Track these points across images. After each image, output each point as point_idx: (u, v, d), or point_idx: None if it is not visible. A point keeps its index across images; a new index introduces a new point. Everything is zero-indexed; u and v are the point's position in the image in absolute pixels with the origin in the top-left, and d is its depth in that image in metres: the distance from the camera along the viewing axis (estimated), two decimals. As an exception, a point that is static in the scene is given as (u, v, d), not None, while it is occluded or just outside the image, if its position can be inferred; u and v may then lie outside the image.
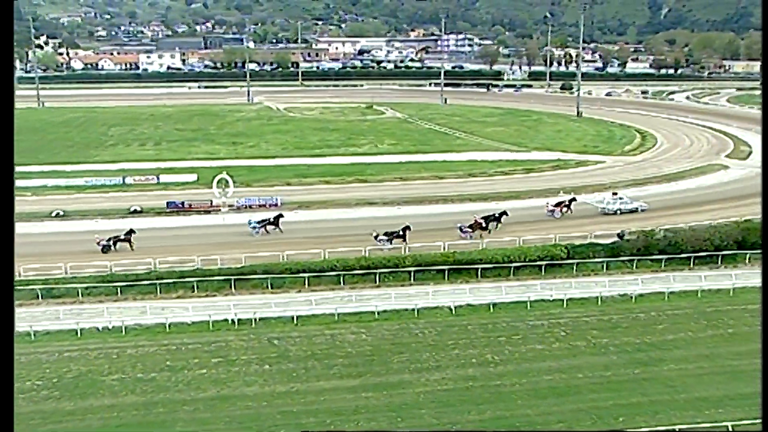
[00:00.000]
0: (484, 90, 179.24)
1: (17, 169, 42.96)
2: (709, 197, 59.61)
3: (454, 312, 36.68)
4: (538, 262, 42.03)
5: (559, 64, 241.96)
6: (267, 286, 39.36)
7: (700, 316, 36.44)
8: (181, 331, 34.20)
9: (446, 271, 41.05)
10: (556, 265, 42.42)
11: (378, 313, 36.23)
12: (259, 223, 49.69)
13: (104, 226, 50.19)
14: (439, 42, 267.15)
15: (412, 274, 40.78)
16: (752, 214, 51.07)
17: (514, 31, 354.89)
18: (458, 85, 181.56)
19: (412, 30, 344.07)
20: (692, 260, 43.73)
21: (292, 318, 35.48)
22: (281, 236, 47.85)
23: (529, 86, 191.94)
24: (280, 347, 32.47)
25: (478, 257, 41.75)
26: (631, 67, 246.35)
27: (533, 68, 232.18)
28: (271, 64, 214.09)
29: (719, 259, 44.02)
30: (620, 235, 45.49)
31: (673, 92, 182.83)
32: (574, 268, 42.47)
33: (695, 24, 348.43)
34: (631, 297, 38.79)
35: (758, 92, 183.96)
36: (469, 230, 48.04)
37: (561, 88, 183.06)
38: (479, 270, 41.35)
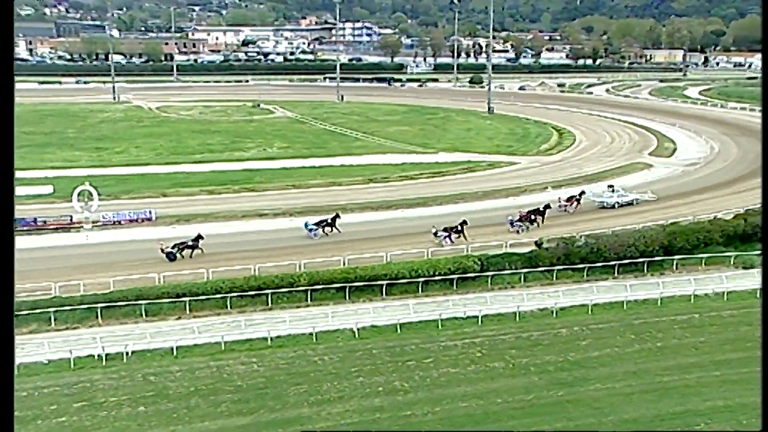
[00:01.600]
0: (386, 85, 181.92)
1: None
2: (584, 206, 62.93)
3: (357, 335, 36.93)
4: (450, 276, 43.04)
5: (468, 55, 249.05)
6: (141, 314, 38.30)
7: (627, 329, 38.21)
8: (34, 372, 32.64)
9: (347, 289, 41.31)
10: (469, 279, 43.53)
11: (271, 339, 35.98)
12: (316, 224, 52.04)
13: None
14: (333, 31, 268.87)
15: (309, 293, 40.80)
16: (678, 216, 54.56)
17: (418, 18, 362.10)
18: (356, 79, 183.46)
19: (303, 18, 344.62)
20: (616, 268, 46.00)
21: (172, 349, 34.68)
22: (157, 256, 46.69)
23: (435, 80, 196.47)
24: (158, 384, 31.65)
25: (383, 272, 42.26)
26: (546, 57, 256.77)
27: (439, 60, 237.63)
28: (140, 56, 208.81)
29: (645, 266, 46.54)
30: (538, 244, 47.28)
31: (591, 85, 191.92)
32: (489, 281, 43.75)
33: (614, 10, 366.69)
34: (552, 311, 40.34)
35: (682, 84, 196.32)
36: (520, 223, 52.61)
37: (470, 82, 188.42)
38: (384, 286, 41.86)
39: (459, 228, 50.41)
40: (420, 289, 42.35)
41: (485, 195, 63.70)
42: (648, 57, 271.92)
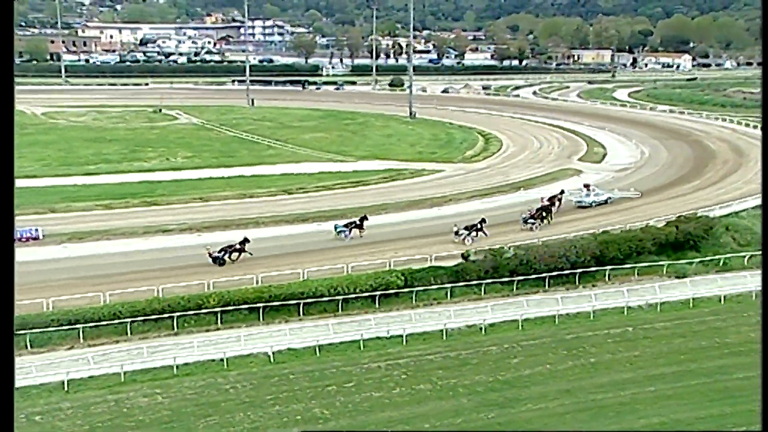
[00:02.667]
0: (300, 88, 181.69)
1: None
2: (563, 206, 64.46)
3: (272, 359, 36.66)
4: (372, 293, 43.22)
5: (388, 56, 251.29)
6: (25, 345, 36.87)
7: (559, 344, 39.22)
8: None
9: (261, 310, 40.99)
10: (393, 295, 43.85)
11: (177, 368, 35.32)
12: (345, 226, 54.70)
13: None
14: (242, 30, 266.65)
15: (219, 315, 40.29)
16: (609, 224, 56.25)
17: (333, 17, 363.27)
18: (268, 82, 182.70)
19: (208, 15, 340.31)
20: (547, 281, 47.13)
21: (63, 384, 33.62)
22: (44, 278, 45.16)
23: (353, 83, 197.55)
24: (45, 425, 30.60)
25: (299, 290, 42.12)
26: (470, 58, 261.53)
27: (357, 61, 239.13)
28: (21, 55, 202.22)
29: (577, 277, 47.84)
30: (465, 256, 47.99)
31: (518, 87, 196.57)
32: (414, 297, 44.14)
33: (539, 8, 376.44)
34: (481, 327, 40.98)
35: (611, 85, 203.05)
36: (533, 221, 56.44)
37: (390, 85, 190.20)
38: (301, 306, 41.73)
39: (479, 226, 53.99)
40: (340, 307, 42.37)
41: (409, 205, 64.28)
42: (576, 57, 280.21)
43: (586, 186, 67.80)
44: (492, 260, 47.00)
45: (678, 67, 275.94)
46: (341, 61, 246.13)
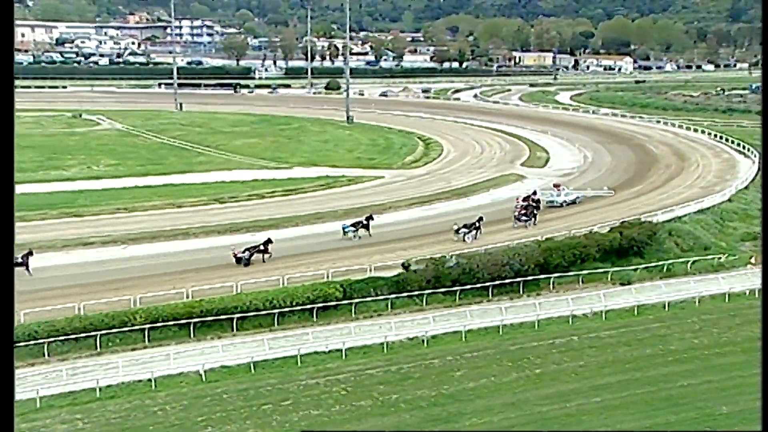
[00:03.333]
0: (231, 92, 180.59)
1: None
2: (506, 213, 65.26)
3: (204, 378, 36.21)
4: (309, 306, 43.09)
5: (323, 58, 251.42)
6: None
7: (503, 356, 39.62)
8: None
9: (192, 326, 40.48)
10: (331, 308, 43.80)
11: (100, 390, 34.53)
12: (353, 225, 57.13)
13: None
14: (168, 30, 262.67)
15: (147, 333, 39.62)
16: (552, 231, 57.16)
17: (265, 17, 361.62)
18: (197, 85, 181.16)
19: (131, 14, 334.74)
20: (490, 290, 47.63)
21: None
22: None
23: (288, 86, 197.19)
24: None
25: (233, 304, 41.76)
26: (409, 60, 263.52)
27: (291, 63, 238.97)
28: None
29: (521, 286, 48.47)
30: (405, 266, 48.21)
31: (458, 90, 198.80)
32: (353, 309, 44.14)
33: (479, 9, 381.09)
34: (423, 340, 41.18)
35: (553, 88, 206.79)
36: (526, 217, 60.40)
37: (326, 88, 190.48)
38: (234, 321, 41.38)
39: (477, 225, 56.79)
40: (276, 321, 42.13)
41: (346, 213, 64.24)
42: (517, 60, 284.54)
43: (556, 186, 71.10)
44: (434, 270, 47.29)
45: (620, 69, 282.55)
46: (275, 63, 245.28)
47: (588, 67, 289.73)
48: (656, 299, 48.05)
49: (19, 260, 47.58)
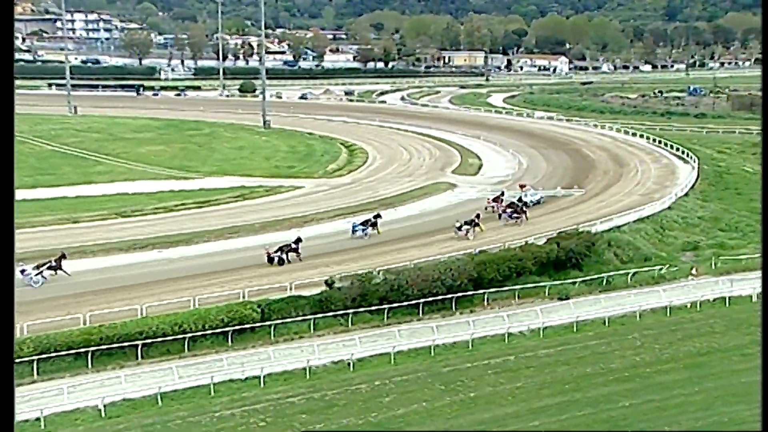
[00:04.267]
0: (133, 94, 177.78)
1: None
2: (437, 224, 65.76)
3: (103, 413, 35.25)
4: (223, 329, 42.51)
5: (237, 57, 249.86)
6: None
7: (435, 379, 39.73)
8: None
9: (89, 355, 39.43)
10: (248, 331, 43.32)
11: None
12: (363, 224, 61.60)
13: None
14: (58, 24, 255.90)
15: (36, 365, 38.38)
16: (486, 243, 57.75)
17: (171, 11, 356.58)
18: (94, 86, 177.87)
19: (14, 5, 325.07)
20: (421, 307, 47.79)
21: None
22: None
23: (197, 88, 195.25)
24: None
25: (137, 330, 40.86)
26: (331, 60, 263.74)
27: (201, 63, 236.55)
28: None
29: (453, 303, 48.75)
30: (329, 283, 48.04)
31: (384, 92, 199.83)
32: (272, 331, 43.75)
33: (405, 5, 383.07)
34: (349, 363, 41.03)
35: (485, 90, 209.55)
36: (518, 215, 66.10)
37: (240, 90, 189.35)
38: (139, 348, 40.55)
39: (477, 221, 62.16)
40: (186, 347, 41.41)
41: (264, 227, 63.78)
42: (446, 59, 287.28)
43: (522, 186, 76.76)
44: (360, 287, 47.23)
45: (554, 70, 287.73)
46: (182, 62, 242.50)
47: (521, 68, 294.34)
48: (596, 314, 48.95)
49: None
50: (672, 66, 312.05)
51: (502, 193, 72.64)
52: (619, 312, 49.48)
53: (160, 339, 41.07)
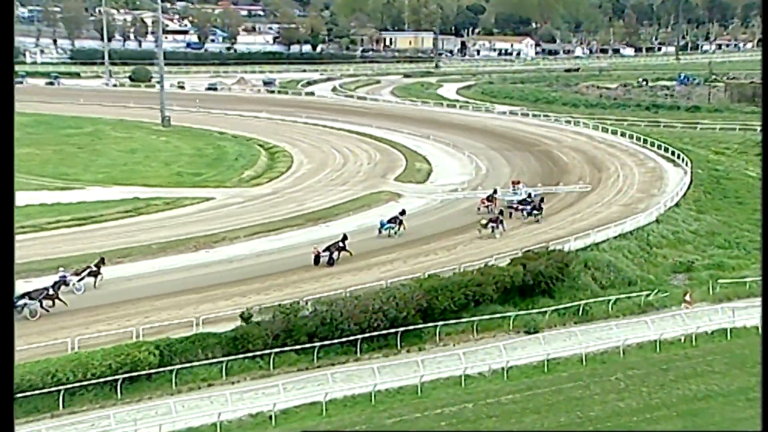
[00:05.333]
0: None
1: None
2: (378, 242, 65.81)
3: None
4: (111, 377, 41.81)
5: (126, 38, 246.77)
6: None
7: (377, 433, 39.74)
8: None
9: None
10: (143, 378, 42.68)
11: None
12: (391, 221, 67.62)
13: None
14: None
15: None
16: (437, 265, 57.88)
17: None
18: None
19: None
20: (359, 345, 47.61)
21: None
22: None
23: (76, 75, 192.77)
24: None
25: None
26: (246, 42, 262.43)
27: (80, 44, 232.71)
28: None
29: (398, 339, 48.67)
30: (245, 317, 47.54)
31: (312, 82, 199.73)
32: (174, 378, 43.19)
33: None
34: (270, 416, 40.67)
35: (434, 79, 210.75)
36: (537, 212, 72.68)
37: (132, 79, 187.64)
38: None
39: (501, 218, 68.38)
40: (61, 403, 40.53)
41: (163, 249, 63.04)
42: (387, 42, 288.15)
43: (515, 183, 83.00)
44: (283, 321, 46.87)
45: (518, 54, 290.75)
46: (55, 42, 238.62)
47: (478, 52, 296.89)
48: (570, 351, 49.24)
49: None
50: (659, 49, 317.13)
51: (495, 192, 77.66)
52: (598, 347, 49.87)
53: (28, 393, 39.85)
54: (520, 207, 73.74)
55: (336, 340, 47.35)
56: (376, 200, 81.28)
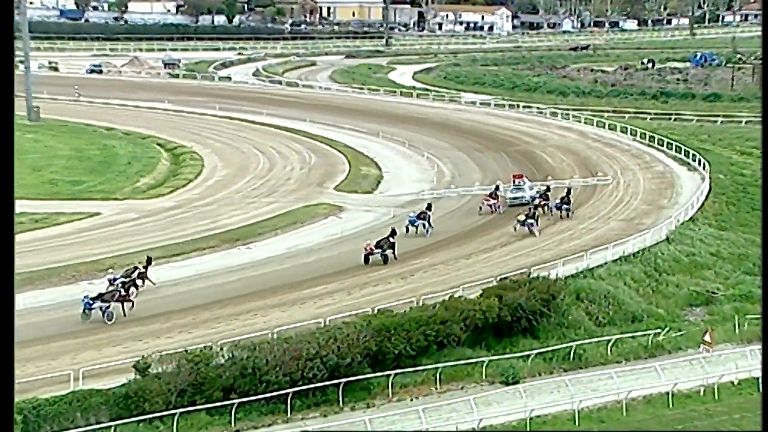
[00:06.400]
0: None
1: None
2: (315, 269, 65.73)
3: None
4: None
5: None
6: None
7: None
8: None
9: None
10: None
11: None
12: (420, 216, 75.24)
13: None
14: None
15: None
16: (389, 297, 57.82)
17: None
18: None
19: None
20: (290, 401, 47.39)
21: None
22: None
23: None
24: None
25: None
26: (139, 11, 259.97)
27: None
28: None
29: (340, 392, 48.51)
30: (140, 368, 46.92)
31: (228, 63, 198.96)
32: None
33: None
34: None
35: (385, 60, 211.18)
36: (568, 206, 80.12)
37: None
38: None
39: (538, 214, 76.30)
40: None
41: (29, 281, 62.00)
42: (325, 12, 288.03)
43: (517, 176, 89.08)
44: (191, 371, 46.55)
45: (491, 28, 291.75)
46: None
47: (440, 26, 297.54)
48: (559, 406, 49.26)
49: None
50: (669, 22, 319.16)
51: (497, 188, 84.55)
52: (594, 402, 49.91)
53: None
54: (542, 203, 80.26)
55: (260, 395, 47.12)
56: (311, 215, 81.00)
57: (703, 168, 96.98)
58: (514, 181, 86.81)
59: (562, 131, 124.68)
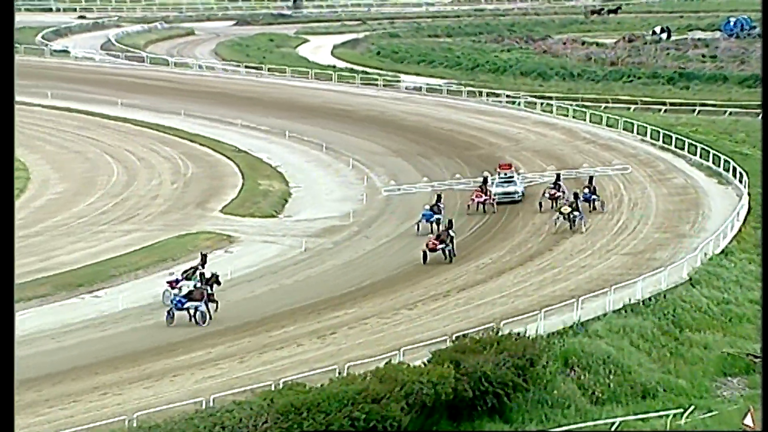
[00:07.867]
0: None
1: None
2: (189, 329, 65.41)
3: None
4: None
5: None
6: None
7: None
8: None
9: None
10: None
11: None
12: (433, 209, 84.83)
13: None
14: None
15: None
16: (299, 365, 57.59)
17: None
18: None
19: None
20: None
21: None
22: None
23: None
24: None
25: None
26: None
27: None
28: None
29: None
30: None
31: (64, 31, 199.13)
32: None
33: None
34: None
35: (293, 30, 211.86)
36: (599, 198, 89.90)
37: None
38: None
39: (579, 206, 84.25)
40: None
41: None
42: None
43: (505, 166, 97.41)
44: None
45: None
46: None
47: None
48: None
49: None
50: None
51: (485, 181, 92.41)
52: None
53: None
54: (556, 194, 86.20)
55: None
56: (187, 248, 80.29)
57: (740, 180, 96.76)
58: (499, 173, 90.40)
59: (541, 129, 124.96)
